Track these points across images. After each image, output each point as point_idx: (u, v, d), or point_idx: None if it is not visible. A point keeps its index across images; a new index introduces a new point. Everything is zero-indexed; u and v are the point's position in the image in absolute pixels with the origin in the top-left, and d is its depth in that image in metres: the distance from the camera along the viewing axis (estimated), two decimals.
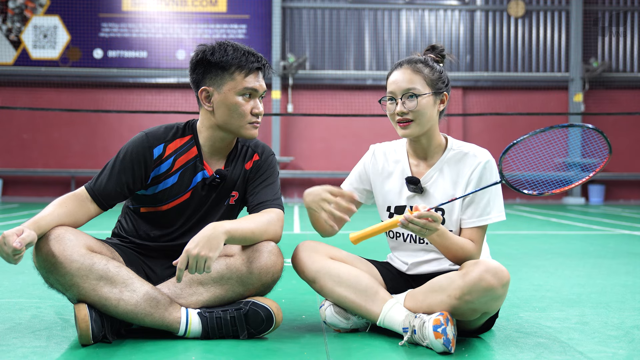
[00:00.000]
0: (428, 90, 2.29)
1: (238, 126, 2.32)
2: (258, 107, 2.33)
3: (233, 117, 2.31)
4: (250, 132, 2.35)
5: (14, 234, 2.00)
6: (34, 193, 13.47)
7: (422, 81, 2.29)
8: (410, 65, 2.31)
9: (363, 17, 14.23)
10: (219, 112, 2.32)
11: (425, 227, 2.10)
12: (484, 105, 13.91)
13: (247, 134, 2.35)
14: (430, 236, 2.18)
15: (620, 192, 14.26)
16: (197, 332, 2.22)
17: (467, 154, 2.35)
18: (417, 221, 2.09)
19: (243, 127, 2.33)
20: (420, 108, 2.28)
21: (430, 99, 2.29)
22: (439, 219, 2.11)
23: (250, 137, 2.36)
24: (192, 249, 2.06)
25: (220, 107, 2.31)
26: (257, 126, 2.35)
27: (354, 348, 2.18)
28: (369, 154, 2.52)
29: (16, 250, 1.97)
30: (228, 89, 2.29)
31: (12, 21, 13.55)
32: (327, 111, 13.52)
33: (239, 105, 2.29)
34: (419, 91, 2.28)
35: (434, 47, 2.41)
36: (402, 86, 2.29)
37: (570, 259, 4.71)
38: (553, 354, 2.11)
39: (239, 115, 2.30)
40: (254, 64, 2.29)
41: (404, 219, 2.10)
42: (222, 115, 2.32)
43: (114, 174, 2.30)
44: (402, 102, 2.29)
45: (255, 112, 2.32)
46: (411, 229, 2.11)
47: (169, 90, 13.80)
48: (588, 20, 14.18)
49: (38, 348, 2.12)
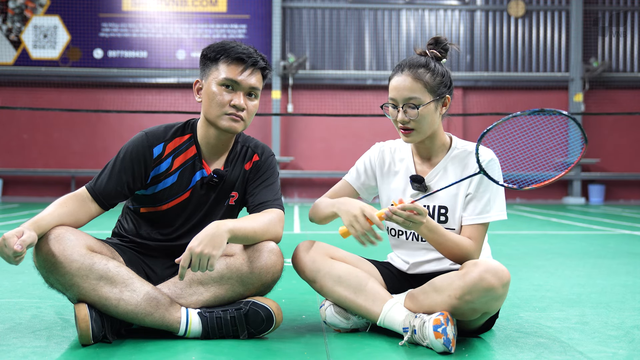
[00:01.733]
0: (429, 98, 2.26)
1: (215, 116, 2.30)
2: (239, 100, 2.28)
3: (211, 107, 2.30)
4: (228, 124, 2.30)
5: (14, 236, 2.00)
6: (34, 193, 13.47)
7: (423, 89, 2.26)
8: (411, 72, 2.27)
9: (363, 17, 14.23)
10: (204, 102, 2.34)
11: (409, 219, 2.10)
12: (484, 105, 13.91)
13: (225, 126, 2.30)
14: (421, 231, 2.18)
15: (621, 192, 14.26)
16: (197, 332, 2.22)
17: (471, 152, 2.35)
18: (401, 213, 2.09)
19: (220, 117, 2.29)
20: (421, 117, 2.27)
21: (431, 106, 2.28)
22: (424, 212, 2.11)
23: (229, 130, 2.30)
24: (195, 246, 2.06)
25: (204, 97, 2.33)
26: (236, 119, 2.30)
27: (354, 348, 2.18)
28: (375, 150, 2.51)
29: (17, 253, 1.97)
30: (212, 78, 2.30)
31: (12, 21, 13.55)
32: (327, 111, 13.51)
33: (216, 94, 2.28)
34: (419, 101, 2.25)
35: (438, 41, 2.37)
36: (403, 94, 2.26)
37: (571, 259, 4.71)
38: (553, 354, 2.11)
39: (216, 104, 2.28)
40: (237, 55, 2.28)
41: (388, 210, 2.11)
42: (204, 105, 2.33)
43: (115, 173, 2.30)
44: (403, 110, 2.28)
45: (234, 103, 2.28)
46: (395, 220, 2.11)
47: (169, 90, 13.80)
48: (588, 20, 14.18)
49: (38, 348, 2.12)
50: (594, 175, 13.89)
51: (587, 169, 14.19)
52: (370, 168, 2.50)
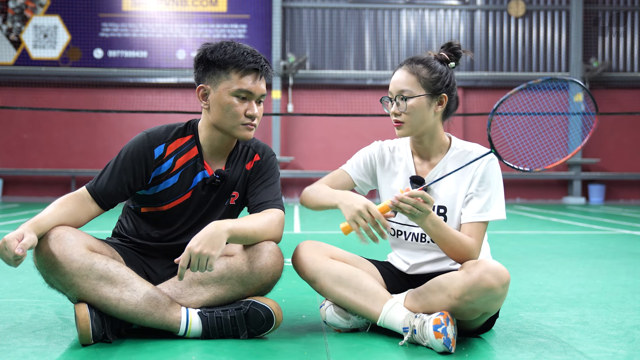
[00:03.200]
0: (422, 92, 2.27)
1: (231, 126, 2.31)
2: (253, 110, 2.29)
3: (226, 117, 2.29)
4: (244, 134, 2.32)
5: (15, 239, 2.00)
6: (34, 193, 13.47)
7: (417, 83, 2.27)
8: (408, 66, 2.31)
9: (363, 17, 14.23)
10: (214, 110, 2.31)
11: (416, 207, 2.07)
12: (484, 105, 13.91)
13: (240, 135, 2.32)
14: (425, 225, 2.16)
15: (621, 192, 14.26)
16: (198, 332, 2.22)
17: (470, 152, 2.35)
18: (408, 199, 2.07)
19: (236, 127, 2.31)
20: (411, 110, 2.27)
21: (422, 101, 2.27)
22: (431, 201, 2.09)
23: (244, 139, 2.34)
24: (194, 246, 2.06)
25: (214, 106, 2.31)
26: (251, 128, 2.32)
27: (354, 348, 2.18)
28: (376, 147, 2.51)
29: (17, 256, 1.98)
30: (223, 88, 2.28)
31: (13, 21, 13.55)
32: (327, 111, 13.51)
33: (232, 105, 2.28)
34: (410, 93, 2.27)
35: (450, 45, 2.37)
36: (397, 87, 2.30)
37: (571, 259, 4.71)
38: (553, 353, 2.11)
39: (231, 115, 2.29)
40: (250, 65, 2.26)
41: (394, 198, 2.08)
42: (215, 115, 2.31)
43: (115, 173, 2.30)
44: (396, 103, 2.30)
45: (249, 114, 2.29)
46: (402, 208, 2.08)
47: (169, 90, 13.80)
48: (588, 20, 14.18)
49: (38, 348, 2.12)
50: (594, 175, 13.90)
51: (587, 168, 14.19)
52: (370, 164, 2.49)
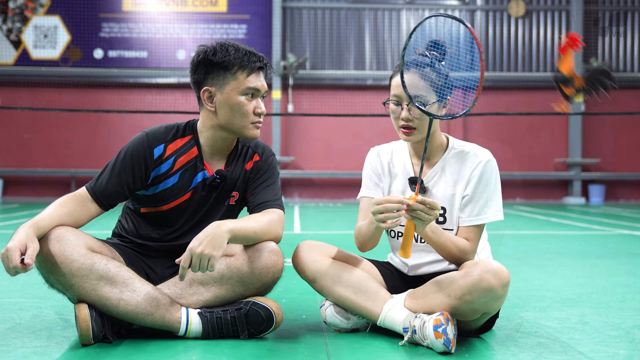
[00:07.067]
0: (434, 98, 2.25)
1: (241, 126, 2.33)
2: (260, 107, 2.34)
3: (236, 117, 2.31)
4: (253, 132, 2.35)
5: (18, 249, 2.00)
6: (34, 193, 13.47)
7: (429, 88, 2.24)
8: (418, 70, 2.25)
9: (363, 17, 14.23)
10: (222, 112, 2.32)
11: (424, 212, 2.04)
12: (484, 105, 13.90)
13: (250, 134, 2.35)
14: (424, 233, 2.16)
15: (621, 192, 14.25)
16: (198, 332, 2.22)
17: (468, 153, 2.35)
18: (418, 206, 2.04)
19: (246, 127, 2.33)
20: (425, 117, 2.25)
21: (434, 107, 2.26)
22: (438, 208, 2.07)
23: (253, 137, 2.37)
24: (196, 247, 2.07)
25: (223, 107, 2.31)
26: (259, 126, 2.36)
27: (354, 348, 2.18)
28: (373, 155, 2.50)
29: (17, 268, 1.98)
30: (231, 89, 2.29)
31: (13, 21, 13.55)
32: (328, 111, 13.51)
33: (242, 105, 2.30)
34: (424, 100, 2.23)
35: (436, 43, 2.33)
36: (409, 92, 2.22)
37: (570, 259, 4.71)
38: (553, 353, 2.11)
39: (242, 115, 2.31)
40: (256, 64, 2.30)
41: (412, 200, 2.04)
42: (224, 116, 2.32)
43: (115, 173, 2.30)
44: (407, 108, 2.27)
45: (258, 111, 2.33)
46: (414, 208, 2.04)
47: (169, 90, 13.79)
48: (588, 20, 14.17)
49: (38, 348, 2.12)
50: (594, 175, 13.89)
51: (587, 169, 14.19)
52: (375, 174, 2.48)
